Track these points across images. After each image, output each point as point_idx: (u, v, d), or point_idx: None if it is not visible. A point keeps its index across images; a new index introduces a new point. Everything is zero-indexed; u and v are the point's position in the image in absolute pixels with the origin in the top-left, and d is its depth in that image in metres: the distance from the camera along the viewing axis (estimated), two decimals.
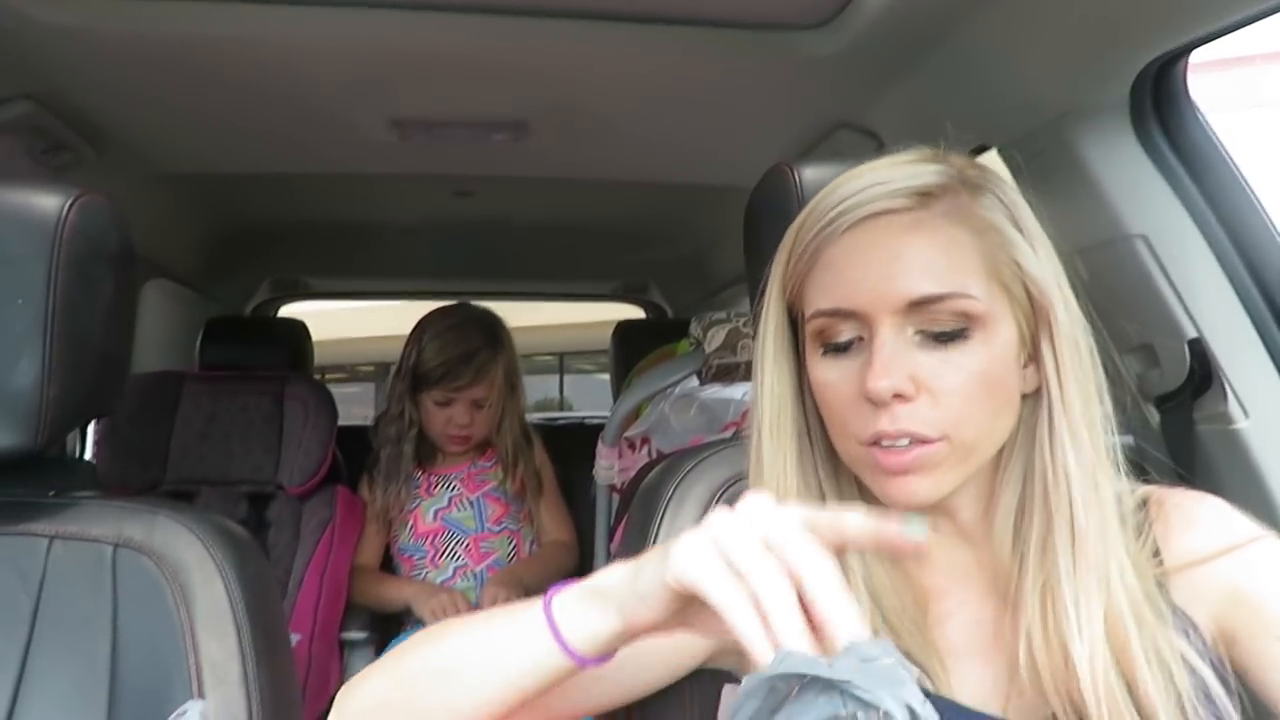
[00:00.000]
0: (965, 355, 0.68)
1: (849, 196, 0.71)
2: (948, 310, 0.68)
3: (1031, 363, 0.72)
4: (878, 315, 0.68)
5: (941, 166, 0.72)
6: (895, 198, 0.70)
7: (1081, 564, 0.68)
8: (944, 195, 0.70)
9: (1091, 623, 0.66)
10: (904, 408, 0.68)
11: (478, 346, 2.01)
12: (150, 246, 1.94)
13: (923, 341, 0.69)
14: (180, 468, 1.99)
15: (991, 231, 0.70)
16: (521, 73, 1.37)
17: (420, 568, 2.05)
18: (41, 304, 0.88)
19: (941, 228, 0.69)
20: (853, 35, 1.20)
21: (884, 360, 0.67)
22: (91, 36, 1.20)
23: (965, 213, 0.70)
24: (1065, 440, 0.70)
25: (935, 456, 0.68)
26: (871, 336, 0.69)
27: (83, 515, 0.93)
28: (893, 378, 0.67)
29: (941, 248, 0.69)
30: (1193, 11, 0.95)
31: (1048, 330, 0.70)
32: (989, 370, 0.68)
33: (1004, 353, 0.69)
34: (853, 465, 0.73)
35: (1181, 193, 1.12)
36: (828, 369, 0.72)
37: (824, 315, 0.71)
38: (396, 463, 2.06)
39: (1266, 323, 1.10)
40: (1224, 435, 1.10)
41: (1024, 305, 0.70)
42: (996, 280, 0.69)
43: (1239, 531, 0.72)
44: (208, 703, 0.86)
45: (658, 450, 1.92)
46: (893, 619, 0.72)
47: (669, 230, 2.43)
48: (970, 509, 0.75)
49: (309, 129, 1.60)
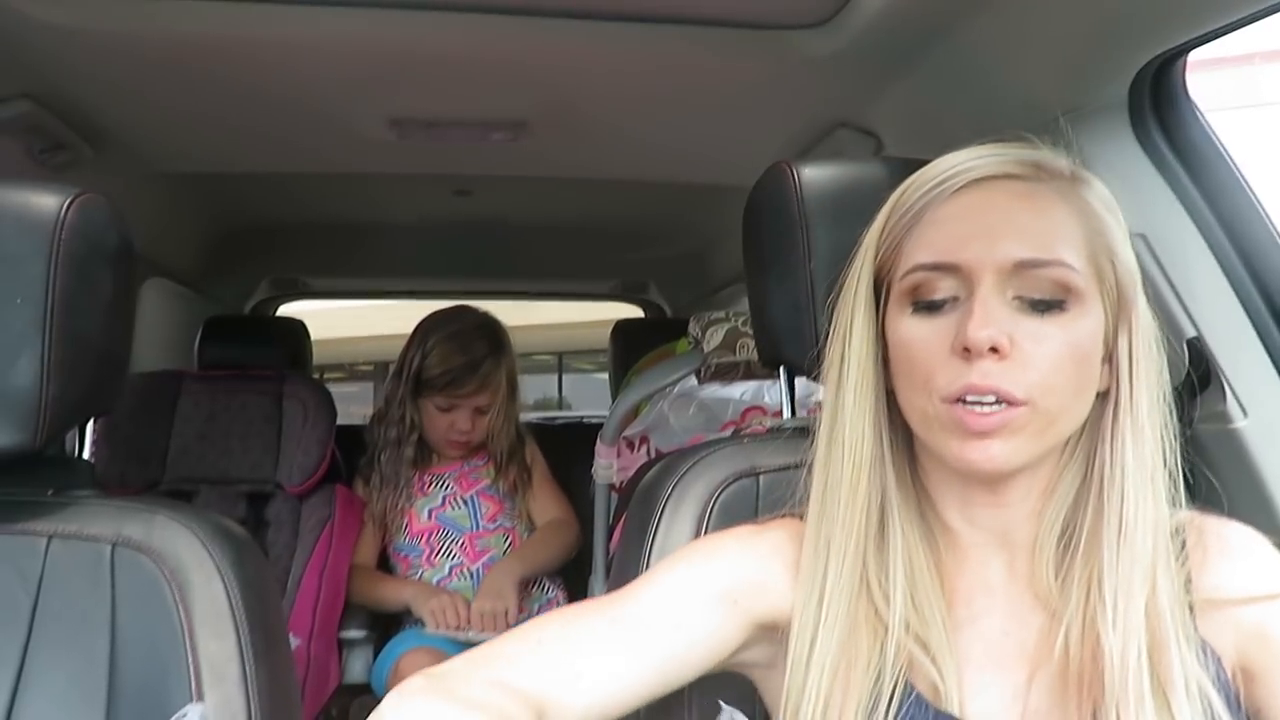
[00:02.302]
0: (1059, 326, 0.69)
1: (961, 162, 0.73)
2: (1049, 278, 0.69)
3: (1107, 361, 0.73)
4: (981, 272, 0.69)
5: (1051, 154, 0.75)
6: (1014, 164, 0.73)
7: (1125, 557, 0.69)
8: (1055, 174, 0.73)
9: (1129, 616, 0.67)
10: (996, 365, 0.68)
11: (483, 355, 2.02)
12: (149, 246, 1.94)
13: (1021, 306, 0.70)
14: (179, 467, 1.99)
15: (1094, 217, 0.72)
16: (520, 72, 1.37)
17: (416, 567, 2.05)
18: (40, 303, 0.88)
19: (1052, 200, 0.72)
20: (852, 35, 1.20)
21: (986, 312, 0.68)
22: (91, 36, 1.20)
23: (1076, 194, 0.73)
24: (1127, 437, 0.71)
25: (1019, 421, 0.68)
26: (971, 293, 0.70)
27: (82, 514, 0.93)
28: (992, 329, 0.67)
29: (1050, 218, 0.71)
30: (1191, 11, 0.95)
31: (1127, 327, 0.72)
32: (1080, 345, 0.70)
33: (1093, 334, 0.71)
34: (927, 427, 0.72)
35: (1180, 192, 1.12)
36: (917, 325, 0.72)
37: (924, 269, 0.72)
38: (396, 466, 2.06)
39: (1265, 322, 1.10)
40: (1223, 435, 1.10)
41: (1112, 296, 0.72)
42: (1093, 263, 0.71)
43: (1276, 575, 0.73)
44: (207, 704, 0.86)
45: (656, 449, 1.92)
46: (925, 615, 0.72)
47: (668, 229, 2.43)
48: (1026, 503, 0.75)
49: (308, 128, 1.60)
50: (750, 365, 1.59)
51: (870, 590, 0.73)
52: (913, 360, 0.72)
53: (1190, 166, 1.12)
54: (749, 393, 1.80)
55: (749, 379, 1.69)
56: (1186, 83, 1.12)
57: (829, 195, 0.96)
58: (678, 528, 0.93)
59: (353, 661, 2.01)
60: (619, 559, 1.02)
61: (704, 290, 2.76)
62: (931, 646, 0.71)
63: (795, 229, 0.96)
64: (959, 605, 0.75)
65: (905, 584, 0.73)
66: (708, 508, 0.93)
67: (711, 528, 0.92)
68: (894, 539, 0.74)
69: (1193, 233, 1.11)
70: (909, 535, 0.75)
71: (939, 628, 0.72)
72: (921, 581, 0.73)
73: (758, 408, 1.78)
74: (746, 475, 0.95)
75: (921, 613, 0.72)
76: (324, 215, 2.26)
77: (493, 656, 0.72)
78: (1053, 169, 0.74)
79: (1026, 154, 0.74)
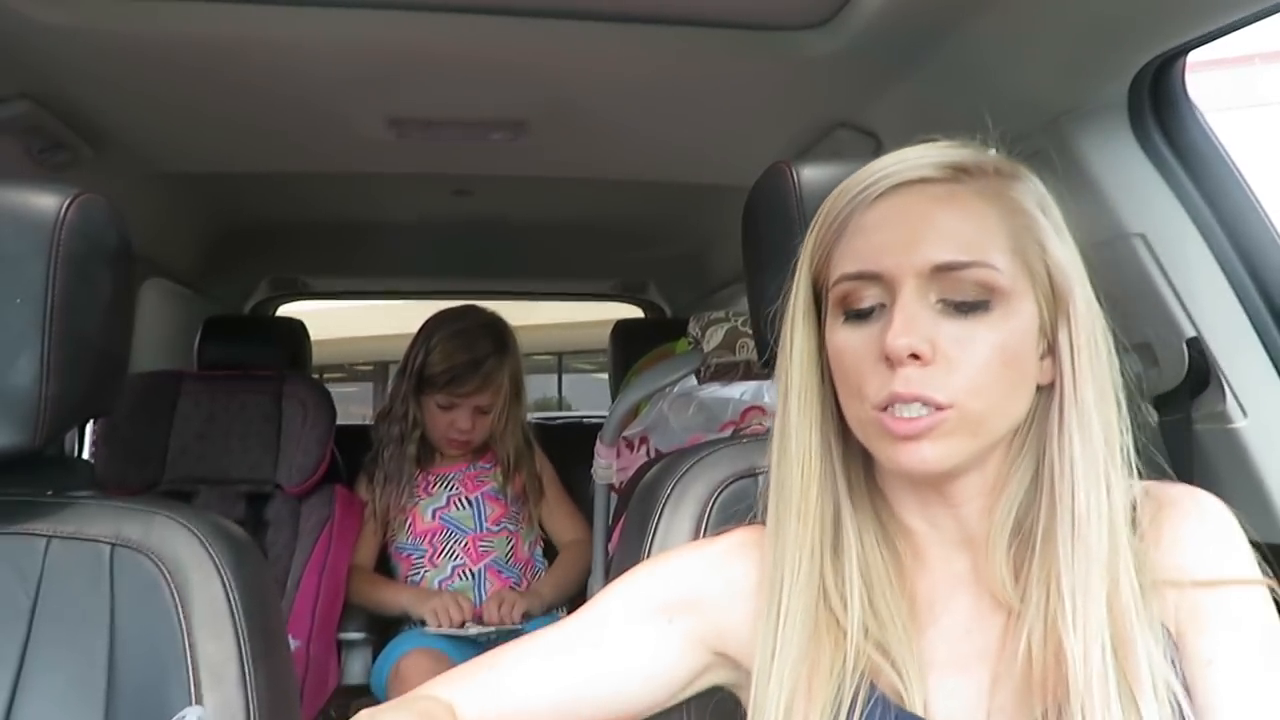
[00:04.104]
0: (985, 327, 0.69)
1: (884, 168, 0.73)
2: (971, 280, 0.69)
3: (1050, 355, 0.72)
4: (902, 278, 0.69)
5: (977, 150, 0.74)
6: (932, 168, 0.72)
7: (1081, 553, 0.68)
8: (978, 173, 0.73)
9: (1088, 614, 0.66)
10: (919, 371, 0.68)
11: (486, 354, 2.01)
12: (148, 245, 1.94)
13: (944, 309, 0.69)
14: (178, 467, 1.99)
15: (1021, 214, 0.72)
16: (520, 72, 1.37)
17: (418, 567, 2.05)
18: (40, 303, 0.88)
19: (972, 202, 0.71)
20: (851, 35, 1.20)
21: (905, 319, 0.68)
22: (90, 36, 1.20)
23: (997, 193, 0.72)
24: (1074, 430, 0.70)
25: (946, 425, 0.68)
26: (894, 300, 0.70)
27: (81, 515, 0.93)
28: (911, 336, 0.67)
29: (970, 219, 0.70)
30: (1191, 11, 0.95)
31: (1066, 320, 0.71)
32: (1007, 345, 0.69)
33: (1023, 332, 0.70)
34: (863, 432, 0.73)
35: (1180, 192, 1.12)
36: (848, 335, 0.72)
37: (849, 279, 0.72)
38: (399, 462, 2.05)
39: (1265, 322, 1.10)
40: (1222, 434, 1.10)
41: (1046, 291, 0.71)
42: (1021, 260, 0.70)
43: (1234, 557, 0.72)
44: (206, 705, 0.86)
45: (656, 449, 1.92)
46: (884, 620, 0.72)
47: (667, 229, 2.43)
48: (977, 500, 0.74)
49: (307, 128, 1.60)
50: (750, 365, 1.59)
51: (829, 598, 0.73)
52: (845, 369, 0.72)
53: (1190, 166, 1.12)
54: (749, 393, 1.80)
55: (749, 379, 1.69)
56: (1186, 83, 1.12)
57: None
58: (677, 528, 0.93)
59: (352, 662, 2.01)
60: (618, 559, 1.02)
61: (703, 290, 2.76)
62: (892, 650, 0.71)
63: (794, 229, 0.95)
64: (922, 608, 0.75)
65: (862, 590, 0.73)
66: (707, 508, 0.93)
67: (711, 528, 0.92)
68: (849, 547, 0.74)
69: (1192, 233, 1.11)
70: (865, 541, 0.75)
71: (899, 631, 0.72)
72: (880, 586, 0.73)
73: (757, 408, 1.78)
74: (746, 475, 0.95)
75: (880, 617, 0.72)
76: (323, 215, 2.26)
77: (436, 682, 0.77)
78: (976, 168, 0.73)
79: (948, 155, 0.73)
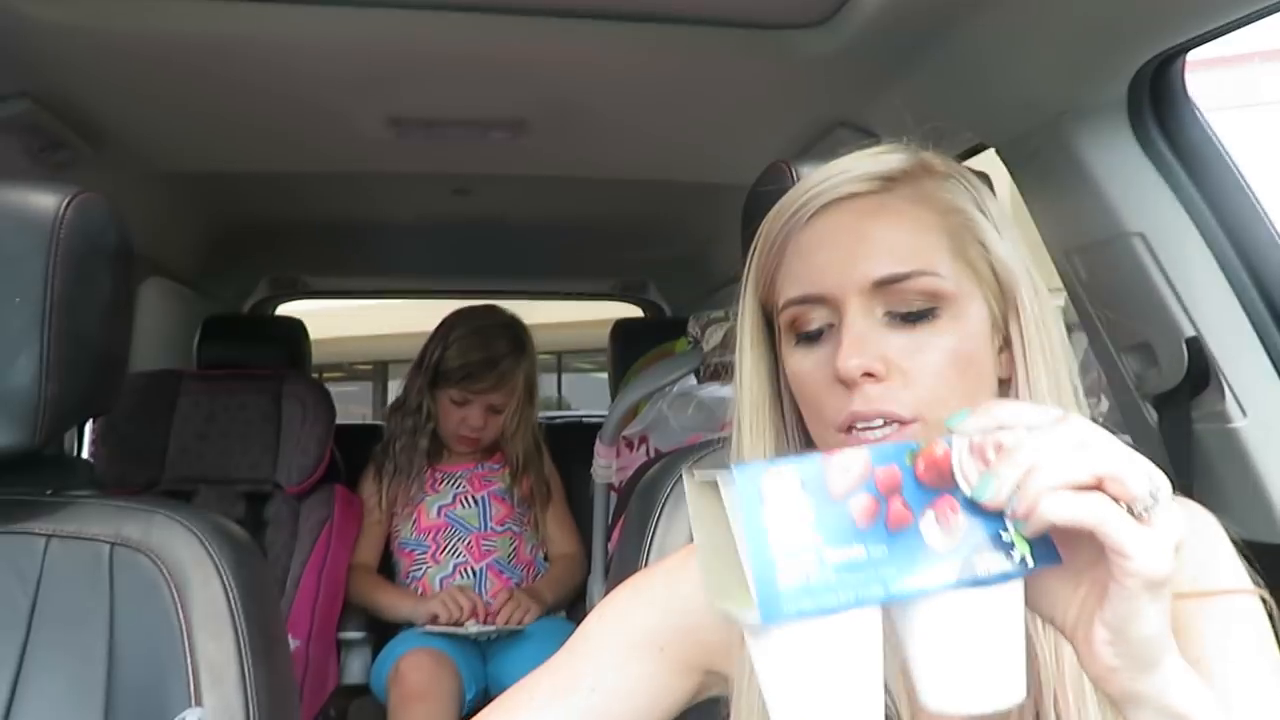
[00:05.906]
0: (936, 334, 0.68)
1: (814, 186, 0.72)
2: (914, 289, 0.68)
3: (1006, 349, 0.72)
4: (845, 297, 0.68)
5: (905, 154, 0.73)
6: (858, 182, 0.71)
7: None
8: (907, 179, 0.71)
9: None
10: (876, 388, 0.67)
11: (503, 353, 2.03)
12: (148, 245, 1.94)
13: (892, 322, 0.68)
14: (178, 467, 1.99)
15: (956, 213, 0.71)
16: (519, 71, 1.37)
17: (421, 563, 2.05)
18: (39, 302, 0.88)
19: (905, 210, 0.70)
20: (850, 34, 1.20)
21: (853, 339, 0.67)
22: (89, 35, 1.20)
23: (929, 195, 0.71)
24: None
25: (913, 438, 0.68)
26: (841, 320, 0.69)
27: (80, 514, 0.93)
28: (862, 356, 0.66)
29: (906, 229, 0.69)
30: (1191, 11, 0.95)
31: (1015, 312, 0.71)
32: (960, 349, 0.68)
33: (975, 332, 0.69)
34: None
35: (1179, 191, 1.12)
36: (801, 359, 0.71)
37: (794, 304, 0.71)
38: (410, 454, 2.07)
39: (1264, 321, 1.10)
40: (1222, 434, 1.10)
41: (993, 287, 0.71)
42: (963, 260, 0.70)
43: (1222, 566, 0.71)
44: (205, 705, 0.86)
45: (655, 449, 1.92)
46: None
47: (667, 229, 2.43)
48: None
49: (307, 127, 1.60)
50: None
51: None
52: (803, 394, 0.72)
53: (1189, 166, 1.12)
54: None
55: None
56: (1186, 82, 1.12)
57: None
58: (677, 527, 0.93)
59: (351, 662, 2.02)
60: (618, 559, 1.02)
61: (703, 289, 2.76)
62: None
63: None
64: None
65: None
66: None
67: None
68: None
69: (1192, 232, 1.11)
70: None
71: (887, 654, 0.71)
72: None
73: None
74: None
75: None
76: (323, 214, 2.26)
77: None
78: (904, 174, 0.71)
79: (875, 165, 0.72)
